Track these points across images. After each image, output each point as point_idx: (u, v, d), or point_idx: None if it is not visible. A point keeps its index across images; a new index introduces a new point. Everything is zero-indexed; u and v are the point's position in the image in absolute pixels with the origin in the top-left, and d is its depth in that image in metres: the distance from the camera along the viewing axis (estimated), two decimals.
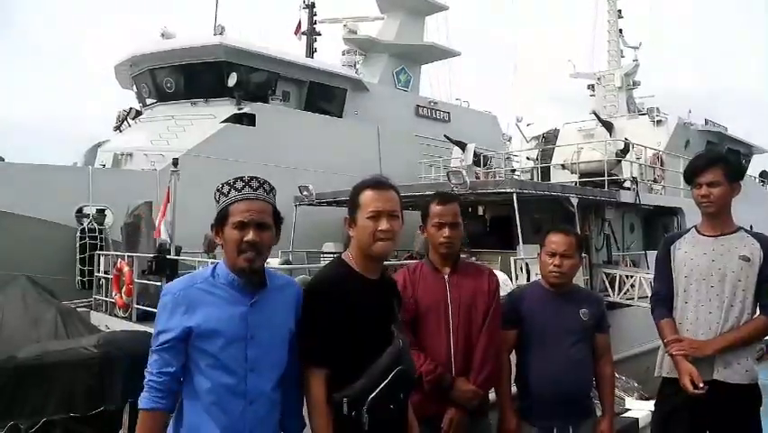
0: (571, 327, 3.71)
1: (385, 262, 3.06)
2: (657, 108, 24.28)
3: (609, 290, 13.61)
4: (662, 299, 3.89)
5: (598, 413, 3.87)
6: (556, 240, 3.77)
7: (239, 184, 2.63)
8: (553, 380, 3.62)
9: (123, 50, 20.36)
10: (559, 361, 3.64)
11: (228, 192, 2.62)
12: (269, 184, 2.69)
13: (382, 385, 2.70)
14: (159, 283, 10.53)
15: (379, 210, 2.83)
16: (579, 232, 3.99)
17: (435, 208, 3.61)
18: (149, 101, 20.29)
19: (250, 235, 2.55)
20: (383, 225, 2.81)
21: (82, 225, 14.29)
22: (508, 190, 12.23)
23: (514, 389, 3.85)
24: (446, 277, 3.60)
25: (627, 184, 16.11)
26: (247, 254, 2.56)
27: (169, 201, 11.14)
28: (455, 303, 3.53)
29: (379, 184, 2.91)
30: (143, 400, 2.54)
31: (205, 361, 2.55)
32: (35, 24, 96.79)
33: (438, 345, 3.47)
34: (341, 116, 21.49)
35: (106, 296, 12.44)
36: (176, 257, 10.87)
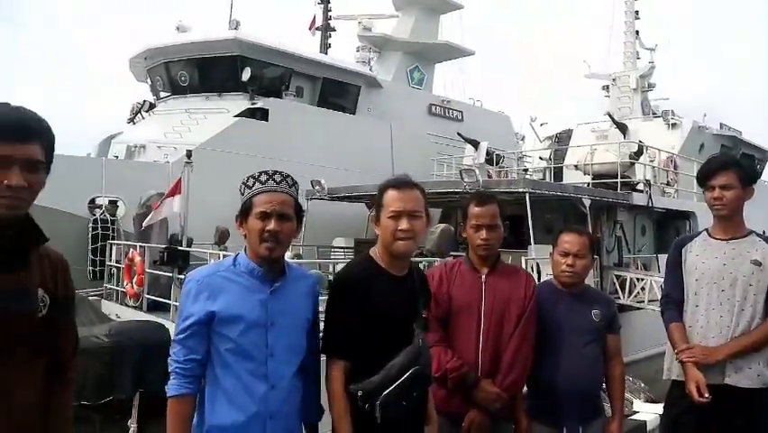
0: (583, 327, 3.69)
1: None
2: (672, 111, 24.23)
3: (620, 292, 13.55)
4: (673, 302, 3.87)
5: (607, 414, 3.86)
6: (569, 240, 3.74)
7: (263, 177, 2.73)
8: (566, 379, 3.59)
9: (136, 46, 20.45)
10: (572, 360, 3.62)
11: (252, 185, 2.73)
12: (291, 178, 2.79)
13: (397, 383, 2.75)
14: (170, 274, 10.58)
15: (399, 210, 2.87)
16: (591, 232, 3.94)
17: (474, 210, 3.57)
18: (163, 94, 20.38)
19: (271, 225, 2.64)
20: (403, 224, 2.85)
21: (94, 215, 14.38)
22: (521, 190, 12.19)
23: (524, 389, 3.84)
24: (483, 277, 3.57)
25: (640, 187, 16.05)
26: (268, 243, 2.65)
27: (179, 192, 11.17)
28: (489, 305, 3.50)
29: (401, 184, 2.97)
30: (171, 387, 2.63)
31: (226, 346, 2.63)
32: (35, 24, 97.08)
33: (466, 344, 3.45)
34: (354, 113, 21.49)
35: (117, 285, 12.52)
36: (187, 248, 10.91)
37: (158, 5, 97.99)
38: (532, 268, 11.21)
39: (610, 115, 20.08)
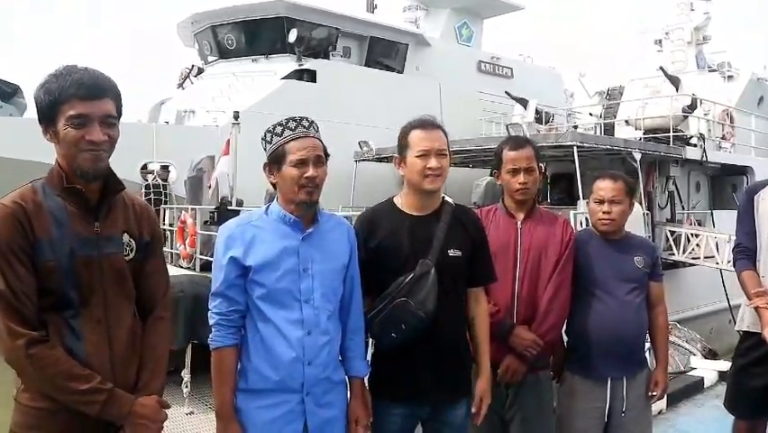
0: (626, 275, 3.54)
1: None
2: (728, 63, 23.31)
3: (674, 248, 13.32)
4: (745, 252, 3.74)
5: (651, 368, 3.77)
6: (604, 186, 3.56)
7: (292, 124, 2.72)
8: (611, 327, 3.45)
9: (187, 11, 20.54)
10: (615, 308, 3.47)
11: (282, 132, 2.71)
12: (316, 123, 2.79)
13: (378, 309, 2.88)
14: None
15: (427, 149, 2.93)
16: (627, 176, 3.79)
17: (509, 154, 3.49)
18: (210, 58, 20.54)
19: (310, 171, 2.66)
20: (432, 162, 2.92)
21: (147, 181, 14.61)
22: (569, 143, 12.04)
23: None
24: (519, 223, 3.50)
25: (694, 141, 15.66)
26: (307, 188, 2.66)
27: (227, 153, 11.30)
28: (525, 250, 3.43)
29: (427, 124, 3.02)
30: (215, 339, 2.68)
31: (261, 293, 2.66)
32: (33, 22, 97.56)
33: (502, 290, 3.38)
34: (402, 72, 21.34)
35: (171, 248, 12.78)
36: (237, 208, 11.05)
37: None
38: (581, 223, 11.09)
39: (663, 69, 19.50)
